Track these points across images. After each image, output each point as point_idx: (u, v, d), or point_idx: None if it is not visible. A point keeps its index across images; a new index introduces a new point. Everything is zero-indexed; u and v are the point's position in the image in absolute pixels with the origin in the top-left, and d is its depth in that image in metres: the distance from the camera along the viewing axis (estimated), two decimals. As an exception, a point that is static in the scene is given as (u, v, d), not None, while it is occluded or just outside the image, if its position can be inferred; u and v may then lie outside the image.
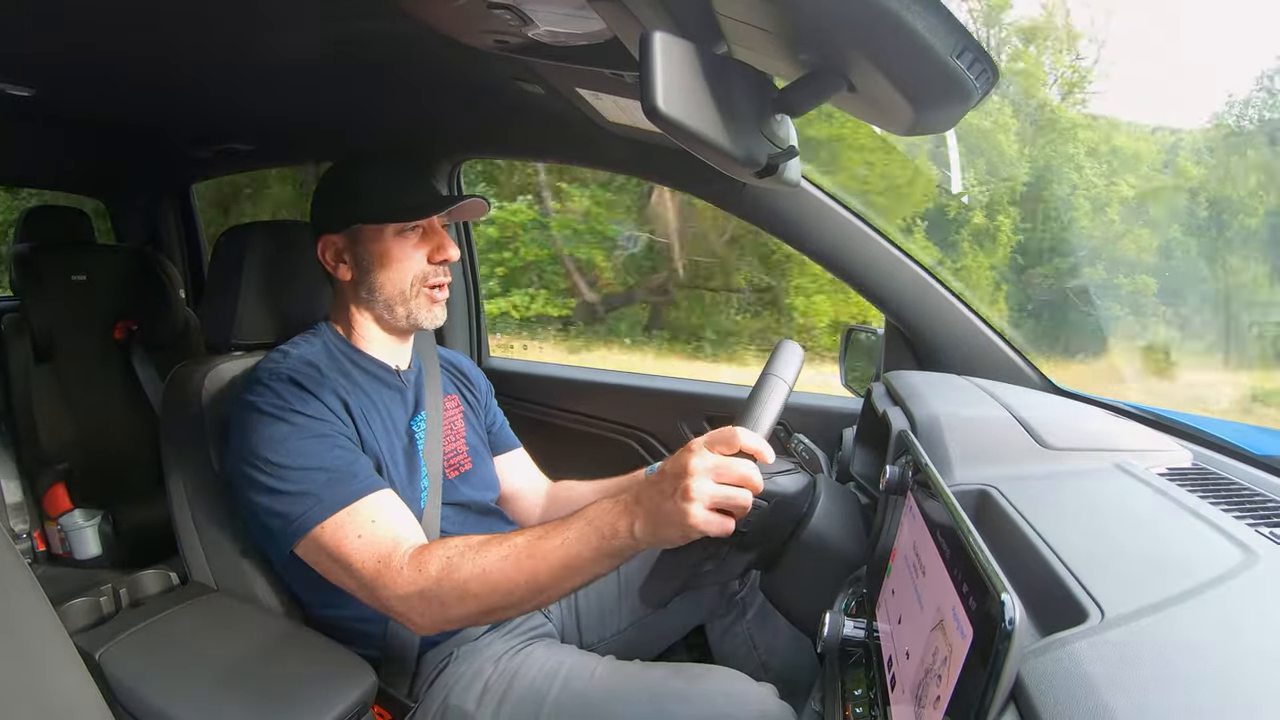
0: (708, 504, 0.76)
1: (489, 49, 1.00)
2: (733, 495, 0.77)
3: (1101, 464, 0.82)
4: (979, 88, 0.57)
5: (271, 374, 0.99)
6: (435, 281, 1.10)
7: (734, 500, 0.77)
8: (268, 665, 0.92)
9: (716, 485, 0.76)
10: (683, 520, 0.76)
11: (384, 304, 1.09)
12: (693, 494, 0.76)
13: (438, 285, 1.10)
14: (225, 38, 1.12)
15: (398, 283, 1.08)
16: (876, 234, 1.30)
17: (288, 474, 0.93)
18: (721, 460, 0.77)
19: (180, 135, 1.87)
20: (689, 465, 0.77)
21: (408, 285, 1.08)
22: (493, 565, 0.85)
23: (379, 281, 1.08)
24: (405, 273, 1.08)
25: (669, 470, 0.79)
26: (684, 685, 0.92)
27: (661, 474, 0.80)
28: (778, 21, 0.60)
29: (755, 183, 0.75)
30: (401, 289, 1.08)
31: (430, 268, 1.09)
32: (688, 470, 0.77)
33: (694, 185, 1.43)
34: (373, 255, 1.07)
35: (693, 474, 0.76)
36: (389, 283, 1.08)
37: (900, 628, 0.63)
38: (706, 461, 0.77)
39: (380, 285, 1.08)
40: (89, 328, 2.15)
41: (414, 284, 1.08)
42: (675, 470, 0.78)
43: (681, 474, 0.77)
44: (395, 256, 1.07)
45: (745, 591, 1.23)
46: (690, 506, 0.75)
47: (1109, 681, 0.42)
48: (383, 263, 1.07)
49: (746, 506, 0.78)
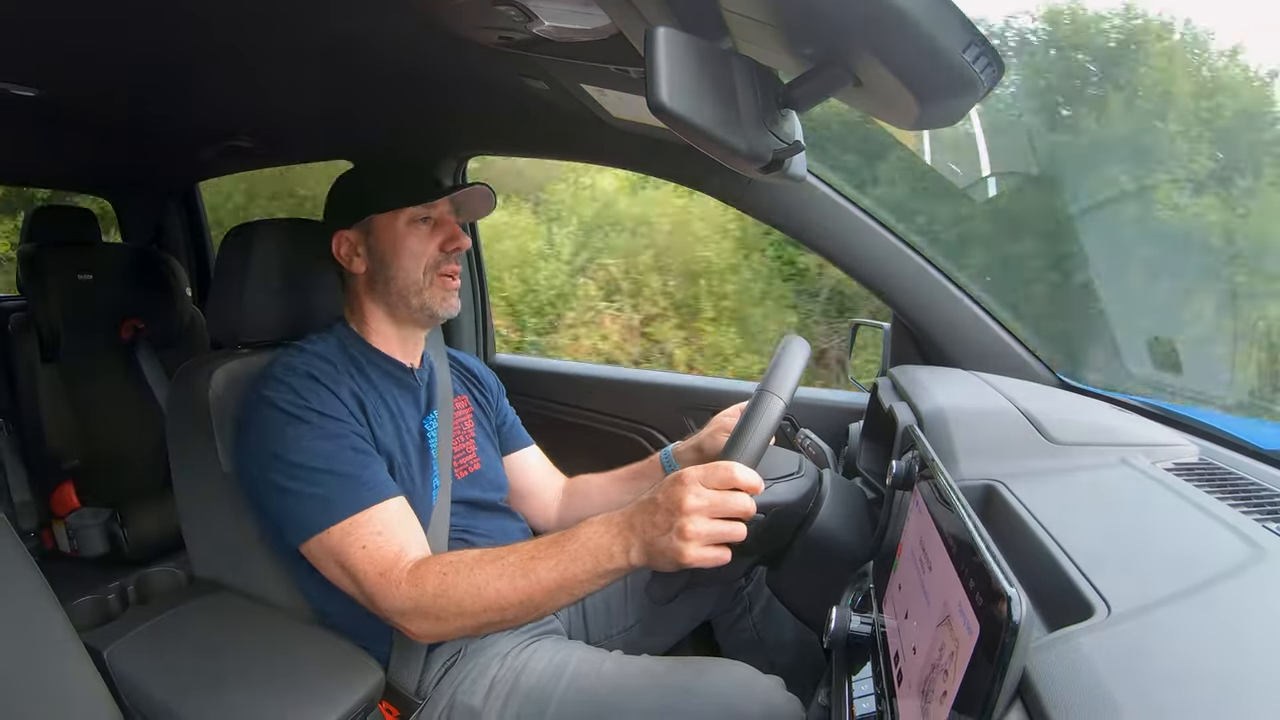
0: (703, 542, 0.78)
1: (494, 45, 1.00)
2: (728, 531, 0.79)
3: (1108, 459, 0.82)
4: (984, 82, 0.57)
5: (288, 369, 1.00)
6: (448, 269, 1.10)
7: (729, 535, 0.79)
8: (275, 662, 0.92)
9: (711, 523, 0.78)
10: (678, 557, 0.78)
11: (398, 294, 1.09)
12: (688, 533, 0.78)
13: (450, 273, 1.11)
14: (229, 35, 1.12)
15: (411, 271, 1.08)
16: (882, 228, 1.29)
17: (300, 473, 0.94)
18: (716, 497, 0.79)
19: (185, 134, 1.87)
20: (684, 503, 0.78)
21: (421, 274, 1.08)
22: (488, 582, 0.86)
23: (393, 271, 1.08)
24: (419, 260, 1.08)
25: (662, 503, 0.80)
26: (691, 678, 0.92)
27: (655, 505, 0.81)
28: (783, 16, 0.60)
29: (761, 178, 0.75)
30: (415, 277, 1.08)
31: (443, 255, 1.10)
32: (682, 508, 0.78)
33: (699, 180, 1.42)
34: (386, 245, 1.08)
35: (687, 513, 0.78)
36: (403, 271, 1.08)
37: (907, 623, 0.63)
38: (701, 500, 0.78)
39: (394, 275, 1.08)
40: (95, 326, 2.15)
41: (427, 272, 1.09)
42: (669, 505, 0.79)
43: (676, 510, 0.78)
44: (408, 245, 1.08)
45: (751, 587, 1.23)
46: (686, 546, 0.78)
47: (1115, 677, 0.42)
48: (396, 251, 1.08)
49: (741, 537, 0.80)
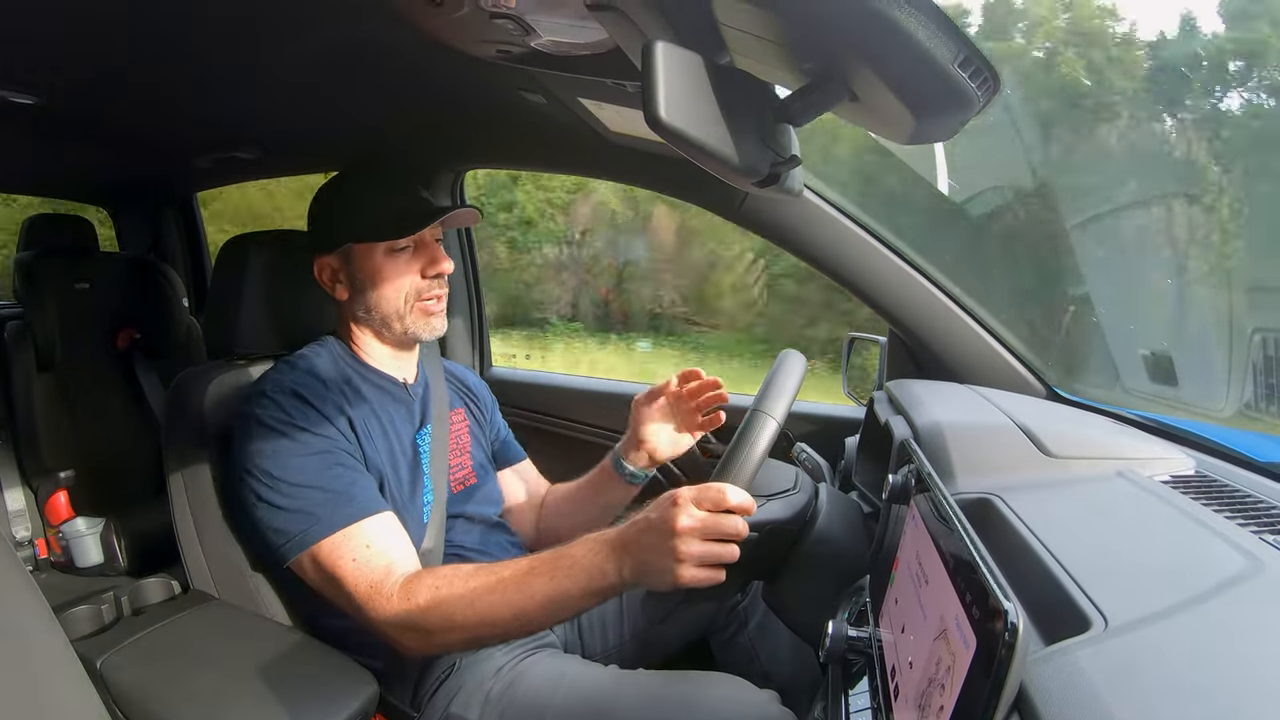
0: (696, 563, 0.79)
1: (491, 59, 1.01)
2: (721, 553, 0.80)
3: (1104, 472, 0.82)
4: (980, 96, 0.57)
5: (276, 386, 0.99)
6: (430, 294, 1.09)
7: (722, 556, 0.80)
8: (269, 674, 0.91)
9: (704, 544, 0.79)
10: (671, 579, 0.79)
11: (381, 321, 1.09)
12: (681, 554, 0.78)
13: (433, 298, 1.09)
14: (228, 47, 1.12)
15: (392, 300, 1.07)
16: (878, 242, 1.30)
17: (287, 490, 0.94)
18: (708, 519, 0.79)
19: (183, 144, 1.88)
20: (676, 524, 0.79)
21: (402, 302, 1.08)
22: (480, 598, 0.87)
23: (373, 300, 1.08)
24: (399, 290, 1.07)
25: (655, 523, 0.81)
26: (686, 692, 0.91)
27: (648, 525, 0.82)
28: (780, 31, 0.61)
29: (758, 192, 0.75)
30: (396, 306, 1.08)
31: (424, 283, 1.08)
32: (675, 530, 0.79)
33: (696, 194, 1.43)
34: (365, 275, 1.07)
35: (680, 534, 0.79)
36: (383, 301, 1.07)
37: (903, 637, 0.62)
38: (693, 521, 0.79)
39: (375, 304, 1.08)
40: (92, 336, 2.15)
41: (408, 300, 1.08)
42: (662, 526, 0.80)
43: (669, 533, 0.79)
44: (387, 275, 1.06)
45: (747, 602, 1.22)
46: (679, 567, 0.79)
47: (1112, 690, 0.42)
48: (375, 282, 1.07)
49: (734, 558, 0.81)
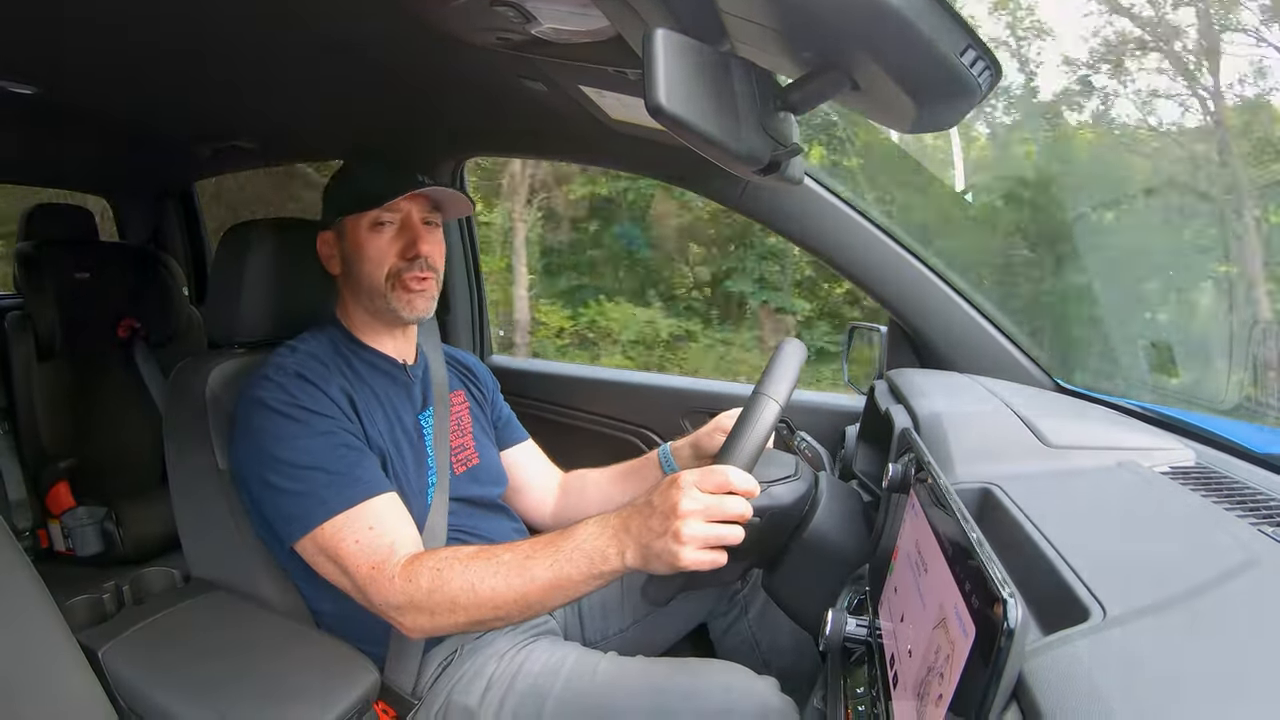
0: (699, 545, 0.78)
1: (492, 46, 1.00)
2: (724, 535, 0.80)
3: (1104, 462, 0.82)
4: (982, 85, 0.57)
5: (279, 369, 1.00)
6: (411, 276, 1.08)
7: (725, 539, 0.80)
8: (271, 662, 0.92)
9: (707, 526, 0.79)
10: (674, 561, 0.79)
11: (367, 295, 1.10)
12: (684, 537, 0.78)
13: (412, 280, 1.08)
14: (227, 35, 1.12)
15: (373, 275, 1.08)
16: (880, 231, 1.29)
17: (291, 472, 0.94)
18: (712, 501, 0.79)
19: (183, 133, 1.87)
20: (679, 506, 0.79)
21: (382, 279, 1.08)
22: (482, 580, 0.86)
23: (358, 274, 1.09)
24: (379, 267, 1.08)
25: (658, 506, 0.81)
26: (686, 679, 0.92)
27: (651, 508, 0.81)
28: (781, 19, 0.60)
29: (758, 180, 0.75)
30: (377, 281, 1.08)
31: (404, 263, 1.08)
32: (677, 511, 0.78)
33: (697, 182, 1.43)
34: (351, 248, 1.09)
35: (683, 516, 0.78)
36: (365, 275, 1.08)
37: (903, 626, 0.63)
38: (696, 503, 0.79)
39: (359, 278, 1.09)
40: (92, 325, 2.14)
41: (389, 278, 1.08)
42: (665, 509, 0.80)
43: (671, 514, 0.79)
44: (368, 251, 1.07)
45: (747, 590, 1.23)
46: (681, 550, 0.78)
47: (1110, 680, 0.42)
48: (358, 256, 1.08)
49: (738, 540, 0.80)
